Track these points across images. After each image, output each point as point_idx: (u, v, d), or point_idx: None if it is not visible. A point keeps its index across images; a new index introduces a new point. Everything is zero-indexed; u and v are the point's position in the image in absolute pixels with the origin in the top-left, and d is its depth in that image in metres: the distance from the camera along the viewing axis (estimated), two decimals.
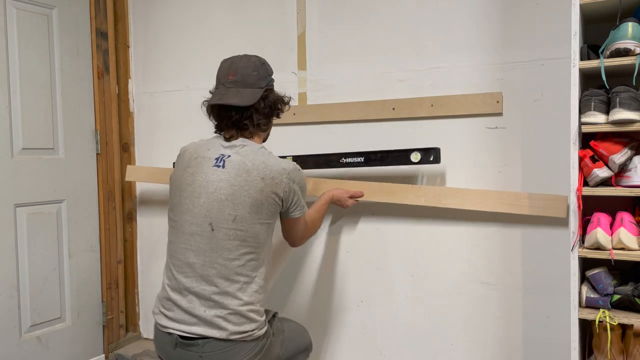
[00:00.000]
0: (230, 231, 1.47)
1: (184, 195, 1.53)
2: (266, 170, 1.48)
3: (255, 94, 1.53)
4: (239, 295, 1.48)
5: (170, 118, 2.58)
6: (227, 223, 1.47)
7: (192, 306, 1.48)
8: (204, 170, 1.52)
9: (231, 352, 1.47)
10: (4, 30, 2.12)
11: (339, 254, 2.20)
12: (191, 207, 1.51)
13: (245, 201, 1.47)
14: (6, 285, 2.14)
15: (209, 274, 1.48)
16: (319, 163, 2.09)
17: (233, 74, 1.54)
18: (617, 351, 1.54)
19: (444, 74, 1.96)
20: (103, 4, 2.52)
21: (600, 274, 1.52)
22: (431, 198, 1.91)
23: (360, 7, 2.10)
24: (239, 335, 1.47)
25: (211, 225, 1.48)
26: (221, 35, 2.41)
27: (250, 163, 1.49)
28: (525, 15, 1.82)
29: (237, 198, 1.47)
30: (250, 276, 1.51)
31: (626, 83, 1.48)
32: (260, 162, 1.49)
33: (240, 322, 1.48)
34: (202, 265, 1.49)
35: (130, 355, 2.55)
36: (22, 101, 2.19)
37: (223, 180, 1.49)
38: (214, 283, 1.48)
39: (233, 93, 1.53)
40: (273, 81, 1.62)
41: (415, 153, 1.91)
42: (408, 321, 2.08)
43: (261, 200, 1.48)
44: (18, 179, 2.18)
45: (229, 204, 1.47)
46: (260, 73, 1.56)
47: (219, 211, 1.48)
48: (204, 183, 1.51)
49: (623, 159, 1.47)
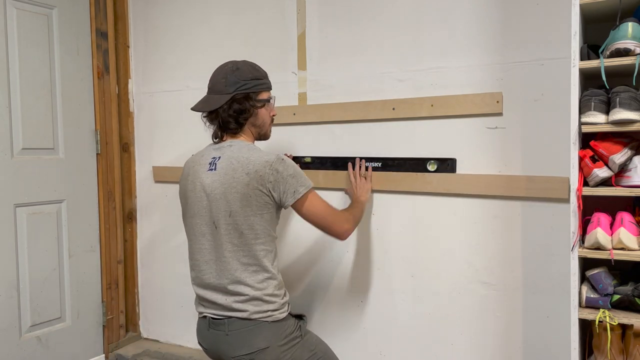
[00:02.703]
0: (228, 226, 1.58)
1: (190, 202, 1.67)
2: (249, 166, 1.56)
3: (221, 99, 1.61)
4: (250, 282, 1.58)
5: (170, 118, 2.58)
6: (225, 219, 1.58)
7: (216, 297, 1.62)
8: (200, 176, 1.64)
9: (253, 331, 1.58)
10: (4, 30, 2.12)
11: (339, 254, 2.20)
12: (197, 211, 1.64)
13: (235, 197, 1.56)
14: (6, 285, 2.14)
15: (221, 268, 1.60)
16: (337, 165, 2.16)
17: (210, 81, 1.68)
18: (617, 351, 1.54)
19: (444, 74, 1.96)
20: (103, 4, 2.52)
21: (600, 274, 1.52)
22: (436, 184, 1.96)
23: (360, 7, 2.10)
24: (259, 314, 1.58)
25: (214, 224, 1.60)
26: (221, 35, 2.41)
27: (235, 161, 1.58)
28: (525, 15, 1.82)
29: (228, 195, 1.57)
30: (258, 265, 1.59)
31: (626, 83, 1.48)
32: (244, 159, 1.58)
33: (258, 304, 1.59)
34: (215, 261, 1.62)
35: (130, 355, 2.55)
36: (22, 101, 2.19)
37: (216, 181, 1.60)
38: (226, 276, 1.59)
39: (204, 100, 1.67)
40: (254, 85, 1.64)
41: (432, 162, 1.97)
42: (408, 321, 2.08)
43: (248, 193, 1.55)
44: (18, 179, 2.18)
45: (223, 202, 1.58)
46: (229, 80, 1.61)
47: (217, 209, 1.59)
48: (202, 187, 1.63)
49: (623, 159, 1.47)
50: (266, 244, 1.61)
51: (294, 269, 2.30)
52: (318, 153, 2.21)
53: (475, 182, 1.91)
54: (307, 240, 2.26)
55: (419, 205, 2.03)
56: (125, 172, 2.68)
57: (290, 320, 1.66)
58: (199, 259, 1.65)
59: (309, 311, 2.28)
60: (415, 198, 2.03)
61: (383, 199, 2.09)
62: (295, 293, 2.30)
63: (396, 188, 2.04)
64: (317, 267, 2.25)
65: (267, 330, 1.58)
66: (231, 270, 1.59)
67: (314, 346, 1.70)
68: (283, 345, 1.60)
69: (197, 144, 2.49)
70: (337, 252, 2.20)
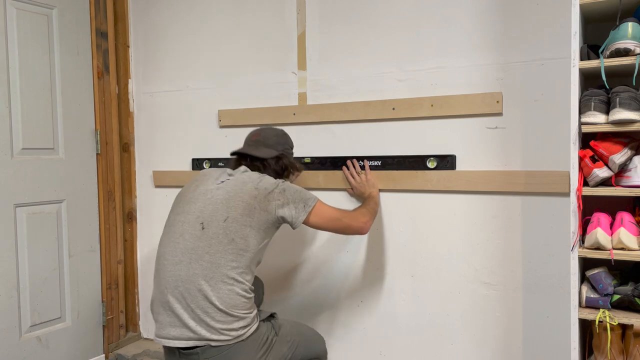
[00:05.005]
0: (220, 229, 1.58)
1: (183, 201, 1.70)
2: (260, 183, 1.65)
3: (272, 152, 1.77)
4: (221, 295, 1.55)
5: (170, 118, 2.58)
6: (218, 222, 1.58)
7: (179, 312, 1.56)
8: (206, 183, 1.70)
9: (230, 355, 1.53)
10: (4, 30, 2.12)
11: (339, 254, 2.20)
12: (186, 209, 1.66)
13: (239, 204, 1.60)
14: (6, 285, 2.14)
15: (195, 273, 1.56)
16: (336, 165, 2.16)
17: (257, 135, 1.82)
18: (617, 351, 1.54)
19: (444, 74, 1.96)
20: (103, 4, 2.52)
21: (600, 274, 1.52)
22: (436, 182, 1.96)
23: (361, 7, 2.10)
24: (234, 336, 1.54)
25: (202, 225, 1.60)
26: (221, 35, 2.41)
27: (247, 178, 1.67)
28: (525, 15, 1.82)
29: (231, 201, 1.60)
30: (235, 280, 1.58)
31: (626, 83, 1.48)
32: (256, 177, 1.68)
33: (227, 320, 1.54)
34: (188, 264, 1.58)
35: (130, 355, 2.55)
36: (22, 101, 2.19)
37: (221, 189, 1.65)
38: (198, 282, 1.55)
39: (253, 148, 1.79)
40: (291, 153, 1.87)
41: (432, 159, 1.97)
42: (408, 321, 2.08)
43: (254, 205, 1.60)
44: (18, 179, 2.18)
45: (223, 207, 1.60)
46: (279, 139, 1.82)
47: (213, 212, 1.60)
48: (203, 192, 1.67)
49: (623, 159, 1.47)
50: (249, 263, 1.61)
51: (294, 269, 2.30)
52: (318, 153, 2.21)
53: (475, 179, 1.90)
54: (307, 241, 2.26)
55: (419, 204, 2.03)
56: (125, 172, 2.68)
57: (263, 328, 1.65)
58: (170, 259, 1.61)
59: (309, 311, 2.28)
60: (415, 196, 2.03)
61: (383, 198, 2.09)
62: (295, 293, 2.30)
63: (396, 187, 2.04)
64: (317, 267, 2.25)
65: (245, 347, 1.57)
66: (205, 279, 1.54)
67: (290, 337, 1.72)
68: (263, 354, 1.60)
69: (197, 144, 2.50)
70: (337, 252, 2.20)
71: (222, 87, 2.42)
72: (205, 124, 2.47)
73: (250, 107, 2.34)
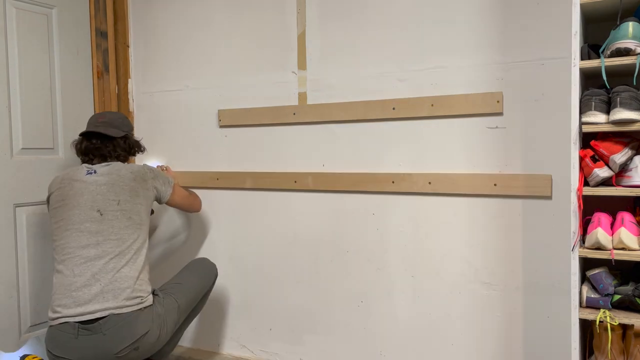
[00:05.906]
0: (117, 212, 1.83)
1: (67, 201, 1.85)
2: (131, 168, 1.94)
3: (119, 132, 2.00)
4: (128, 268, 1.78)
5: (170, 118, 2.58)
6: (112, 206, 1.83)
7: (90, 288, 1.75)
8: (77, 179, 1.88)
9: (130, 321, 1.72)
10: (4, 30, 2.12)
11: (339, 254, 2.20)
12: (76, 204, 1.83)
13: (124, 188, 1.87)
14: (6, 285, 2.14)
15: (103, 252, 1.78)
16: None
17: (102, 117, 2.03)
18: (617, 351, 1.54)
19: (444, 74, 1.96)
20: (103, 3, 2.52)
21: (600, 274, 1.52)
22: (436, 183, 1.97)
23: (361, 7, 2.09)
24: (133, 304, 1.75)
25: (99, 212, 1.81)
26: (221, 35, 2.41)
27: (117, 166, 1.92)
28: (526, 15, 1.82)
29: (116, 187, 1.86)
30: (137, 252, 1.84)
31: (627, 83, 1.48)
32: (122, 165, 1.95)
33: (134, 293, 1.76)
34: (95, 245, 1.78)
35: None
36: (22, 101, 2.19)
37: (99, 178, 1.87)
38: (106, 259, 1.77)
39: (103, 128, 1.97)
40: (133, 134, 2.12)
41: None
42: (408, 321, 2.08)
43: (135, 187, 1.89)
44: (18, 179, 2.18)
45: (111, 193, 1.84)
46: (124, 121, 2.06)
47: (104, 199, 1.83)
48: (83, 186, 1.85)
49: (624, 159, 1.47)
50: (145, 236, 1.88)
51: (294, 270, 2.30)
52: (318, 153, 2.21)
53: (475, 181, 1.90)
54: (307, 241, 2.26)
55: (419, 204, 2.02)
56: None
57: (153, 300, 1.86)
58: (75, 246, 1.78)
59: (308, 311, 2.28)
60: (415, 198, 2.03)
61: (383, 198, 2.09)
62: (295, 293, 2.30)
63: (395, 189, 2.04)
64: (317, 267, 2.25)
65: (143, 316, 1.76)
66: (113, 256, 1.77)
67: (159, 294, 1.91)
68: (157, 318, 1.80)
69: (197, 143, 2.50)
70: (337, 252, 2.20)
71: (221, 87, 2.42)
72: (205, 123, 2.47)
73: (250, 107, 2.33)
